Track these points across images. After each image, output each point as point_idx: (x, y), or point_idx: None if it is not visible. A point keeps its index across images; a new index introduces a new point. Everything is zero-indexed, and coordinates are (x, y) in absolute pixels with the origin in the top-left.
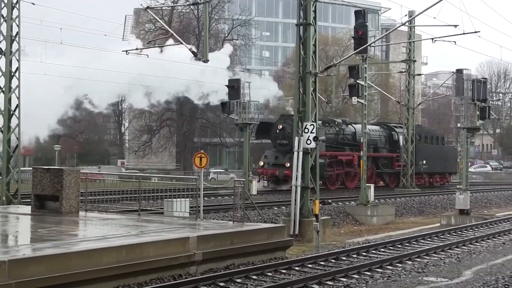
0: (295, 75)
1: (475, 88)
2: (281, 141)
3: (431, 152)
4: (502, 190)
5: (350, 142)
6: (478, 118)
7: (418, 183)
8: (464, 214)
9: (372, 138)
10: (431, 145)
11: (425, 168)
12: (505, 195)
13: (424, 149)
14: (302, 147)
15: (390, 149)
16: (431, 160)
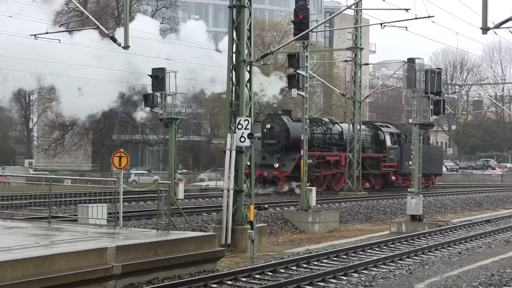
0: (227, 64)
1: (428, 79)
2: (268, 140)
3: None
4: (458, 193)
5: (337, 142)
6: (432, 113)
7: (404, 185)
8: (416, 220)
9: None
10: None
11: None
12: (461, 199)
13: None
14: (235, 145)
15: (376, 149)
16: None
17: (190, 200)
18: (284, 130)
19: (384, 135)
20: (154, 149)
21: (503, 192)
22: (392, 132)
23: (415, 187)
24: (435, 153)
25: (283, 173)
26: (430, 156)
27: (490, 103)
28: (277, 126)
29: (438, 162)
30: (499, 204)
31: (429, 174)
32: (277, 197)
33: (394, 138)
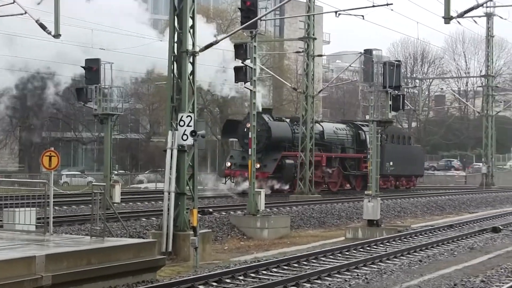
0: (168, 55)
1: (386, 72)
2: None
3: (398, 153)
4: (419, 196)
5: (318, 142)
6: (391, 109)
7: (384, 186)
8: (373, 225)
9: (339, 137)
10: (398, 145)
11: (391, 170)
12: (422, 202)
13: (391, 150)
14: (177, 144)
15: (357, 149)
16: (398, 161)
17: (128, 204)
18: (265, 129)
19: (365, 135)
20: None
21: (467, 194)
22: None
23: (372, 190)
24: (416, 153)
25: (264, 173)
26: (411, 157)
27: (453, 98)
28: (258, 125)
29: (419, 162)
30: (462, 207)
31: (410, 175)
32: (223, 201)
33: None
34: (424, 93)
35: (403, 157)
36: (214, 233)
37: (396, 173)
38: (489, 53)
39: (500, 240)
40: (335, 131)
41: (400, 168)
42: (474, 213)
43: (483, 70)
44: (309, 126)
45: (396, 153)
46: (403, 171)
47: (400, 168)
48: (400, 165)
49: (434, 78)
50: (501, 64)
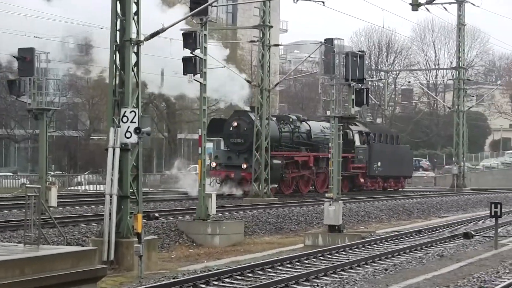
0: (110, 44)
1: (349, 64)
2: (235, 139)
3: (386, 153)
4: (384, 199)
5: (305, 141)
6: (354, 104)
7: (372, 188)
8: (335, 231)
9: (327, 136)
10: (386, 145)
11: (380, 171)
12: (388, 206)
13: (379, 150)
14: (120, 142)
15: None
16: (386, 162)
17: (65, 208)
18: (251, 128)
19: (352, 134)
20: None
21: (437, 197)
22: (361, 131)
23: (334, 192)
24: (404, 153)
25: (251, 174)
26: (399, 157)
27: (422, 92)
28: (244, 124)
29: (408, 163)
30: (431, 211)
31: (399, 176)
32: (170, 204)
33: (363, 137)
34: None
35: (391, 158)
36: (161, 240)
37: (384, 174)
38: (460, 43)
39: (472, 246)
40: (322, 130)
41: (388, 169)
42: (444, 218)
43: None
44: (264, 122)
45: (384, 153)
46: (391, 172)
47: (388, 169)
48: (388, 165)
49: (401, 70)
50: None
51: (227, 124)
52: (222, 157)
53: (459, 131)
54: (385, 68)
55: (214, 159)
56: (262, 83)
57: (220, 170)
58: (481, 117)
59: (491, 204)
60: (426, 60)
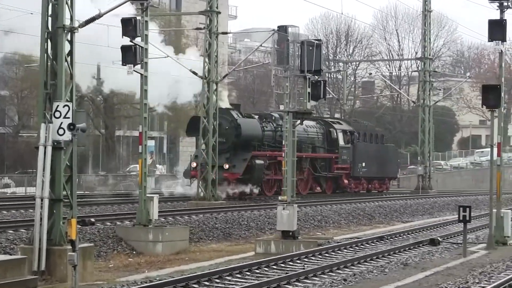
0: (41, 32)
1: (304, 54)
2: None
3: (371, 153)
4: (343, 202)
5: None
6: (309, 97)
7: (356, 190)
8: (289, 237)
9: (310, 135)
10: (371, 145)
11: (364, 171)
12: (347, 209)
13: (364, 149)
14: (52, 140)
15: (328, 149)
16: (371, 162)
17: None
18: (234, 127)
19: (336, 133)
20: None
21: (400, 200)
22: (345, 130)
23: (288, 194)
24: (390, 153)
25: (233, 175)
26: (385, 157)
27: (384, 85)
28: (226, 122)
29: (393, 164)
30: (394, 216)
31: (383, 177)
32: (108, 208)
33: (348, 136)
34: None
35: (376, 158)
36: (97, 248)
37: (368, 175)
38: (426, 32)
39: (439, 254)
40: (305, 129)
41: (373, 170)
42: (408, 223)
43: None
44: (211, 118)
45: (368, 153)
46: (376, 173)
47: (373, 170)
48: (373, 166)
49: (361, 61)
50: (440, 44)
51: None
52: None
53: (424, 127)
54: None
55: (194, 159)
56: (209, 75)
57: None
58: (448, 112)
59: (459, 208)
60: (388, 50)
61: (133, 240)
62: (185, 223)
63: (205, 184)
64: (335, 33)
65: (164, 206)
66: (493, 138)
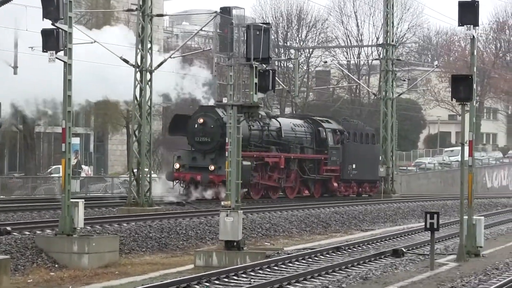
0: None
1: (251, 39)
2: (200, 138)
3: (362, 154)
4: (295, 208)
5: (275, 140)
6: (256, 89)
7: (346, 193)
8: (233, 248)
9: (298, 135)
10: (361, 145)
11: (354, 173)
12: (300, 216)
13: (354, 150)
14: None
15: (317, 150)
16: (361, 164)
17: None
18: (219, 125)
19: (326, 133)
20: None
21: (359, 206)
22: (334, 129)
23: (232, 199)
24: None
25: (219, 177)
26: (375, 159)
27: (341, 75)
28: (211, 121)
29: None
30: (353, 223)
31: (375, 180)
32: (27, 215)
33: (337, 136)
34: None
35: (367, 159)
36: (14, 261)
37: (359, 178)
38: (388, 15)
39: (403, 267)
40: (293, 128)
41: (363, 172)
42: (368, 231)
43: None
44: (145, 114)
45: (359, 154)
46: (366, 176)
47: (363, 172)
48: (364, 168)
49: (316, 48)
50: (404, 29)
51: (192, 121)
52: (186, 158)
53: (386, 123)
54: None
55: (177, 160)
56: (142, 63)
57: (185, 172)
58: (414, 106)
59: (426, 214)
60: (346, 36)
61: (55, 252)
62: (115, 232)
63: (137, 187)
64: (286, 16)
65: (90, 212)
66: (464, 136)
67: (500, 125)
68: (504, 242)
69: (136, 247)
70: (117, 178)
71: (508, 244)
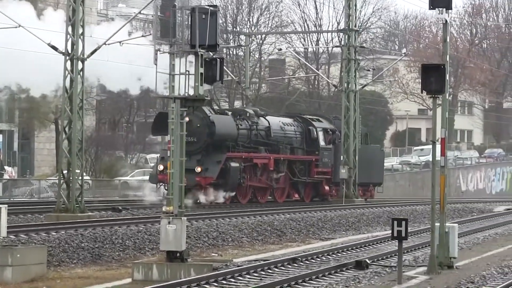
0: None
1: (196, 24)
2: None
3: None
4: (246, 215)
5: (264, 140)
6: (202, 80)
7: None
8: (176, 259)
9: (287, 135)
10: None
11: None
12: (251, 224)
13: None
14: None
15: (307, 151)
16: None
17: None
18: (206, 124)
19: (317, 132)
20: None
21: (318, 212)
22: (326, 128)
23: (174, 205)
24: (374, 155)
25: (207, 179)
26: (369, 160)
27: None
28: (197, 119)
29: (378, 167)
30: (311, 232)
31: (368, 183)
32: None
33: (329, 135)
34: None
35: (360, 161)
36: None
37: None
38: None
39: (367, 280)
40: (282, 127)
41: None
42: (329, 240)
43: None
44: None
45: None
46: (359, 178)
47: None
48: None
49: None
50: (368, 13)
51: None
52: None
53: (349, 118)
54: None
55: (161, 161)
56: (73, 50)
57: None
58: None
59: (393, 221)
60: (303, 20)
61: None
62: (42, 241)
63: (68, 191)
64: None
65: (14, 220)
66: (435, 133)
67: (476, 121)
68: (480, 252)
69: (66, 259)
70: (45, 180)
71: (484, 254)
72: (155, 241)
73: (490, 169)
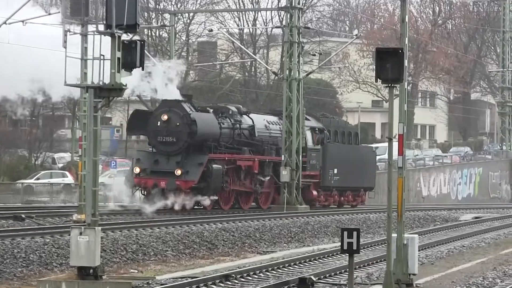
0: None
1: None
2: (164, 138)
3: (345, 157)
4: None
5: (248, 140)
6: (120, 66)
7: (326, 203)
8: (89, 276)
9: (272, 134)
10: (344, 146)
11: (336, 180)
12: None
13: (336, 152)
14: None
15: None
16: (344, 168)
17: None
18: (187, 123)
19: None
20: None
21: (255, 221)
22: (313, 127)
23: (87, 212)
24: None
25: (187, 182)
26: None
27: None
28: (177, 118)
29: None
30: (247, 244)
31: (359, 188)
32: None
33: (317, 135)
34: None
35: (351, 163)
36: None
37: (341, 185)
38: None
39: None
40: (267, 125)
41: (346, 178)
42: (267, 254)
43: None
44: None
45: (341, 157)
46: (349, 182)
47: (346, 178)
48: (347, 173)
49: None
50: None
51: (154, 118)
52: (147, 161)
53: (291, 111)
54: (172, 8)
55: (136, 163)
56: None
57: (146, 177)
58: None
59: (343, 232)
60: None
61: None
62: None
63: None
64: None
65: None
66: (392, 128)
67: (440, 115)
68: (444, 267)
69: None
70: None
71: (449, 270)
72: (65, 255)
73: (455, 170)
